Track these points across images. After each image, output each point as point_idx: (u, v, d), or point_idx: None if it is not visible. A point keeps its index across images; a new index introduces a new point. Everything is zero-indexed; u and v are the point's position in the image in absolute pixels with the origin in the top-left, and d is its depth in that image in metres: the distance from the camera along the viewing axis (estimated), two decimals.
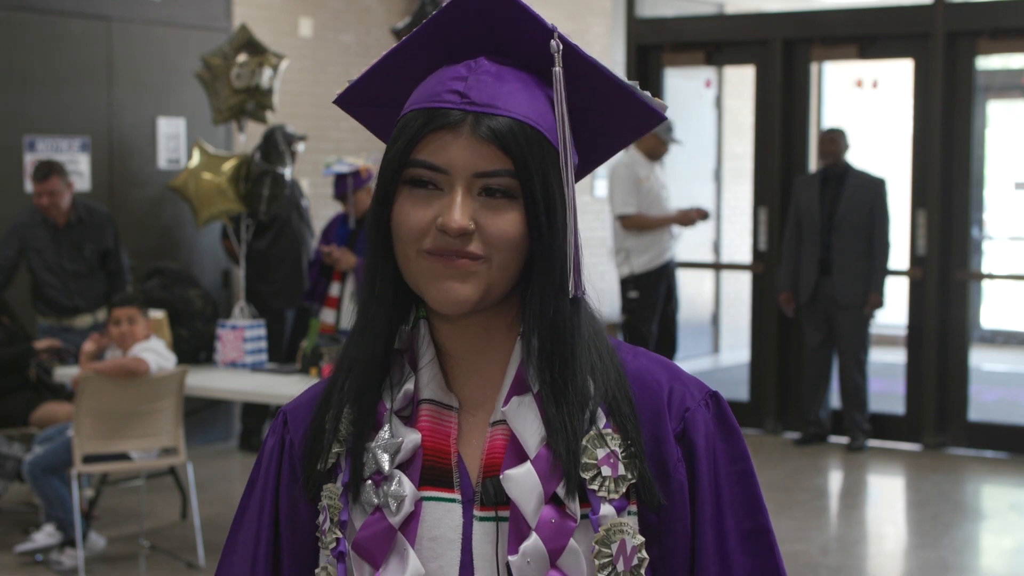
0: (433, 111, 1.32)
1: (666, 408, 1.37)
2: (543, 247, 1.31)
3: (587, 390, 1.33)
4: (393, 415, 1.36)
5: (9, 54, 7.44)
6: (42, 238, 6.83)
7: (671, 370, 1.41)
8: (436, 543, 1.33)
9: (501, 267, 1.31)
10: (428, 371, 1.37)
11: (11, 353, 6.66)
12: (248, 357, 6.58)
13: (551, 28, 1.33)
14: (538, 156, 1.31)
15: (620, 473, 1.32)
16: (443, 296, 1.31)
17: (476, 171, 1.30)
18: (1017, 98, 13.38)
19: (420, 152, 1.31)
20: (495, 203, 1.30)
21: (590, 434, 1.32)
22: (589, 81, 1.36)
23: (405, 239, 1.32)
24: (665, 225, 8.55)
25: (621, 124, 1.41)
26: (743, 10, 11.15)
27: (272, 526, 1.44)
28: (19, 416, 6.63)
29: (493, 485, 1.32)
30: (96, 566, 5.91)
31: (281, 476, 1.44)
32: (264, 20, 8.54)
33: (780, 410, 8.72)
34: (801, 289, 8.28)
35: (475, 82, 1.32)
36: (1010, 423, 8.42)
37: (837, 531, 6.76)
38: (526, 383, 1.34)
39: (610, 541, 1.31)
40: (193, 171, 7.22)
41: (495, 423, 1.35)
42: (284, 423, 1.46)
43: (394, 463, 1.34)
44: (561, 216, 1.32)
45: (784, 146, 8.75)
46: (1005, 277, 10.71)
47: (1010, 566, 6.25)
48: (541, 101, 1.34)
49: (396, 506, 1.33)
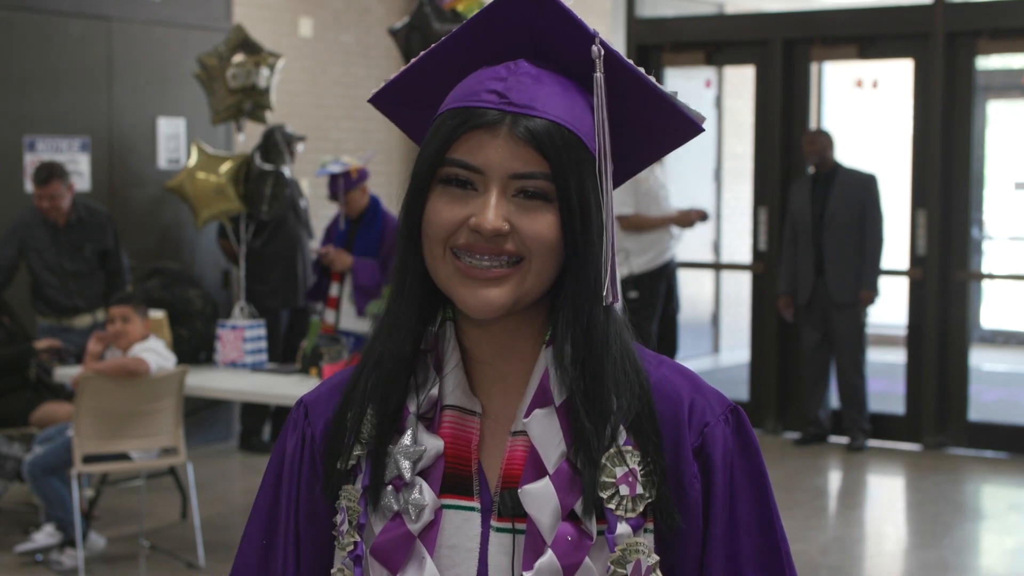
0: (471, 110, 1.31)
1: (686, 422, 1.35)
2: (578, 252, 1.30)
3: (611, 405, 1.31)
4: (416, 420, 1.35)
5: (9, 54, 7.44)
6: (42, 238, 6.83)
7: (693, 382, 1.39)
8: (454, 551, 1.33)
9: (537, 271, 1.30)
10: (453, 376, 1.36)
11: (11, 353, 6.66)
12: (248, 357, 6.58)
13: (593, 33, 1.32)
14: (575, 160, 1.30)
15: (638, 492, 1.31)
16: (474, 300, 1.30)
17: (512, 172, 1.29)
18: (1017, 98, 13.37)
19: (456, 151, 1.30)
20: (530, 205, 1.29)
21: (610, 452, 1.31)
22: (629, 89, 1.35)
23: (434, 237, 1.31)
24: (664, 226, 8.55)
25: (660, 134, 1.40)
26: (743, 10, 11.14)
27: (296, 528, 1.43)
28: (19, 416, 6.63)
29: (511, 497, 1.32)
30: (96, 566, 5.90)
31: (302, 472, 1.42)
32: (264, 20, 8.55)
33: (780, 410, 8.72)
34: (799, 291, 8.29)
35: (515, 83, 1.31)
36: (1010, 423, 8.42)
37: (837, 531, 6.76)
38: (549, 394, 1.33)
39: (626, 561, 1.30)
40: (190, 171, 7.21)
41: (516, 433, 1.34)
42: (305, 415, 1.44)
43: (415, 470, 1.33)
44: (597, 222, 1.31)
45: (784, 146, 8.75)
46: (1005, 277, 10.71)
47: (1010, 566, 6.25)
48: (580, 106, 1.33)
49: (416, 514, 1.32)
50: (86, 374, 5.71)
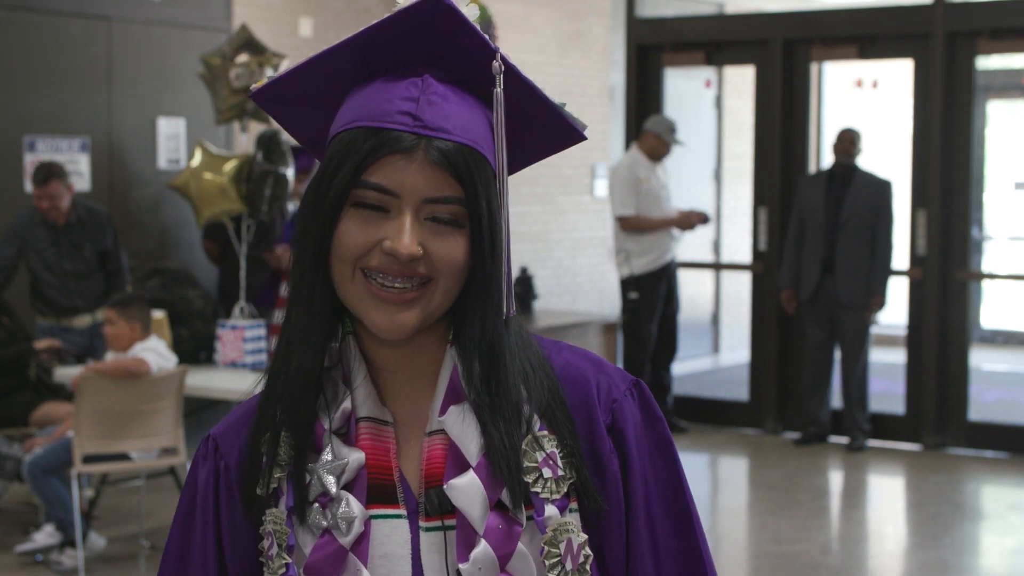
0: (385, 132, 1.30)
1: (595, 400, 1.39)
2: (485, 271, 1.33)
3: (520, 401, 1.34)
4: (332, 435, 1.35)
5: (9, 54, 7.44)
6: (42, 238, 6.83)
7: (595, 362, 1.43)
8: (387, 560, 1.34)
9: (445, 291, 1.32)
10: (363, 388, 1.37)
11: (11, 353, 6.66)
12: (248, 357, 6.58)
13: (494, 48, 1.33)
14: (484, 181, 1.31)
15: (560, 473, 1.34)
16: (388, 323, 1.31)
17: (426, 197, 1.30)
18: (1017, 98, 13.38)
19: (372, 174, 1.30)
20: (442, 229, 1.31)
21: (527, 439, 1.34)
22: (521, 102, 1.36)
23: (345, 258, 1.32)
24: (664, 227, 8.55)
25: (542, 142, 1.43)
26: (743, 10, 11.15)
27: (217, 556, 1.42)
28: (19, 416, 6.64)
29: (437, 495, 1.34)
30: (96, 566, 5.91)
31: (219, 502, 1.42)
32: (264, 20, 8.55)
33: (780, 410, 8.72)
34: (802, 287, 8.29)
35: (426, 104, 1.32)
36: (1010, 423, 8.42)
37: (837, 531, 6.76)
38: (460, 391, 1.35)
39: (558, 541, 1.33)
40: (194, 171, 7.22)
41: (431, 433, 1.36)
42: (215, 448, 1.46)
43: (340, 484, 1.34)
44: (499, 239, 1.33)
45: (784, 146, 8.75)
46: (1005, 277, 10.71)
47: (1010, 566, 6.25)
48: (483, 123, 1.34)
49: (347, 527, 1.33)
50: (86, 374, 5.72)
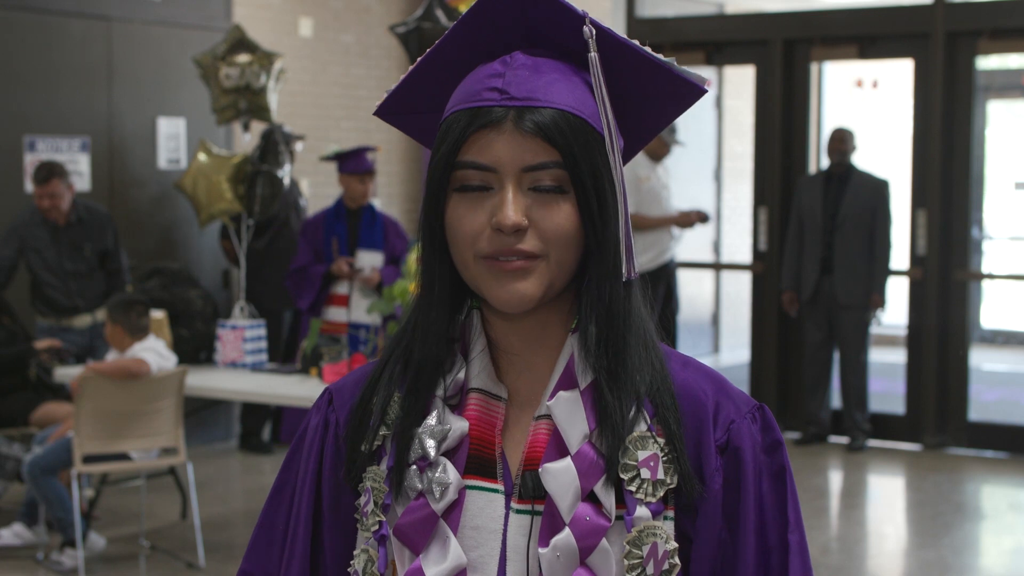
0: (474, 110, 1.31)
1: (710, 419, 1.36)
2: (597, 236, 1.31)
3: (634, 380, 1.33)
4: (442, 402, 1.36)
5: (9, 54, 7.44)
6: (42, 238, 6.83)
7: (718, 383, 1.40)
8: (478, 532, 1.34)
9: (559, 263, 1.31)
10: (479, 361, 1.37)
11: (11, 353, 6.66)
12: (248, 357, 6.58)
13: (582, 14, 1.33)
14: (584, 144, 1.31)
15: (659, 477, 1.32)
16: (507, 296, 1.31)
17: (524, 165, 1.30)
18: (1017, 98, 13.37)
19: (466, 153, 1.31)
20: (546, 198, 1.30)
21: (633, 435, 1.32)
22: (625, 63, 1.35)
23: (461, 244, 1.32)
24: (664, 226, 8.55)
25: (663, 101, 1.41)
26: (743, 10, 11.14)
27: (311, 504, 1.44)
28: (19, 416, 6.63)
29: (532, 478, 1.33)
30: (96, 566, 5.91)
31: (324, 454, 1.44)
32: (264, 20, 8.55)
33: (780, 410, 8.72)
34: (803, 288, 8.29)
35: (512, 77, 1.32)
36: (1010, 423, 8.42)
37: (837, 531, 6.76)
38: (574, 379, 1.34)
39: (642, 543, 1.30)
40: (201, 170, 7.22)
41: (539, 417, 1.35)
42: (329, 402, 1.46)
43: (440, 450, 1.34)
44: (612, 202, 1.32)
45: (784, 146, 8.75)
46: (1005, 277, 10.71)
47: (1010, 566, 6.25)
48: (580, 88, 1.33)
49: (440, 493, 1.33)
50: (86, 374, 5.72)
